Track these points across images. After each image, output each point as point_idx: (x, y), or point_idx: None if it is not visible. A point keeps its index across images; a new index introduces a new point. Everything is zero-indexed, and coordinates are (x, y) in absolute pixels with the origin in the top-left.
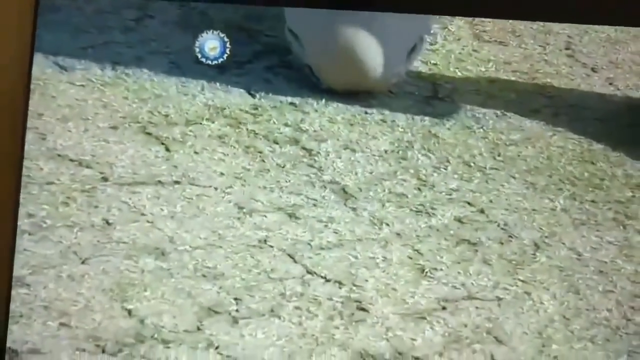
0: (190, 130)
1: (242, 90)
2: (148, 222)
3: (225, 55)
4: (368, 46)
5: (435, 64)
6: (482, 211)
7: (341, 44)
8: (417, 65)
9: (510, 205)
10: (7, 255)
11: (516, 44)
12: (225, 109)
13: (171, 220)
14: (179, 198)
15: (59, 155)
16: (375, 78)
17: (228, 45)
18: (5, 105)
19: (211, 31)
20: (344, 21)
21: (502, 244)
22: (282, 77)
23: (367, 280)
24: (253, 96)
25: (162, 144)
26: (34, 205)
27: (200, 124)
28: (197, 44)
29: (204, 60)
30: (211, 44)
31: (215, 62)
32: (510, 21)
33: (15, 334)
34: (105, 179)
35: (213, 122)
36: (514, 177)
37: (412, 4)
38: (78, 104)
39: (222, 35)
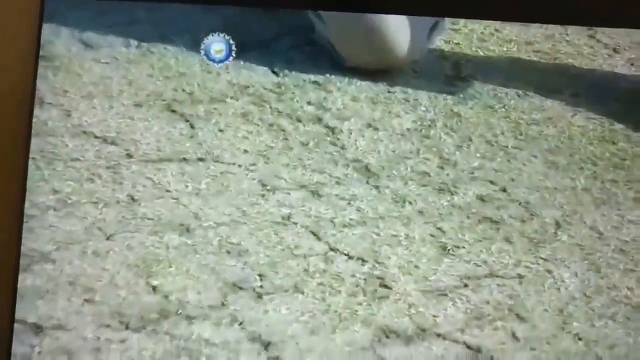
0: (215, 108)
1: (265, 68)
2: (173, 198)
3: (231, 58)
4: (390, 23)
5: (457, 44)
6: (504, 189)
7: (363, 21)
8: (440, 44)
9: (531, 184)
10: (15, 241)
11: (538, 24)
12: (249, 87)
13: (196, 197)
14: (203, 175)
15: (84, 132)
16: (398, 55)
17: (234, 47)
18: (10, 104)
19: (217, 33)
20: None
21: (523, 222)
22: (306, 55)
23: (389, 258)
24: (277, 75)
25: (187, 121)
26: (59, 181)
27: (225, 101)
28: (202, 46)
29: (210, 62)
30: (217, 47)
31: (221, 64)
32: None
33: (41, 310)
34: (130, 156)
35: (237, 100)
36: (535, 157)
37: (408, 6)
38: (103, 81)
39: (227, 37)
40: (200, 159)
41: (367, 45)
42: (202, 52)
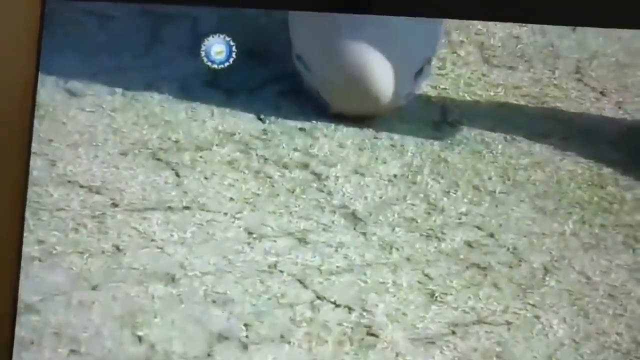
0: (200, 156)
1: (251, 115)
2: (158, 248)
3: (231, 59)
4: (375, 69)
5: (444, 89)
6: (491, 235)
7: (349, 68)
8: (427, 90)
9: (519, 230)
10: (13, 281)
11: (525, 68)
12: (234, 134)
13: (181, 246)
14: (189, 224)
15: (69, 182)
16: (384, 101)
17: (234, 49)
18: (9, 126)
19: (217, 35)
20: (351, 45)
21: (511, 268)
22: (292, 102)
23: (377, 305)
24: (263, 121)
25: (172, 169)
26: (44, 231)
27: (210, 149)
28: (203, 47)
29: (209, 64)
30: (217, 48)
31: (221, 66)
32: (519, 45)
33: None
34: (115, 205)
35: (223, 148)
36: (523, 201)
37: (410, 8)
38: (88, 130)
39: (228, 39)
40: (186, 208)
41: (351, 91)
42: (203, 53)
